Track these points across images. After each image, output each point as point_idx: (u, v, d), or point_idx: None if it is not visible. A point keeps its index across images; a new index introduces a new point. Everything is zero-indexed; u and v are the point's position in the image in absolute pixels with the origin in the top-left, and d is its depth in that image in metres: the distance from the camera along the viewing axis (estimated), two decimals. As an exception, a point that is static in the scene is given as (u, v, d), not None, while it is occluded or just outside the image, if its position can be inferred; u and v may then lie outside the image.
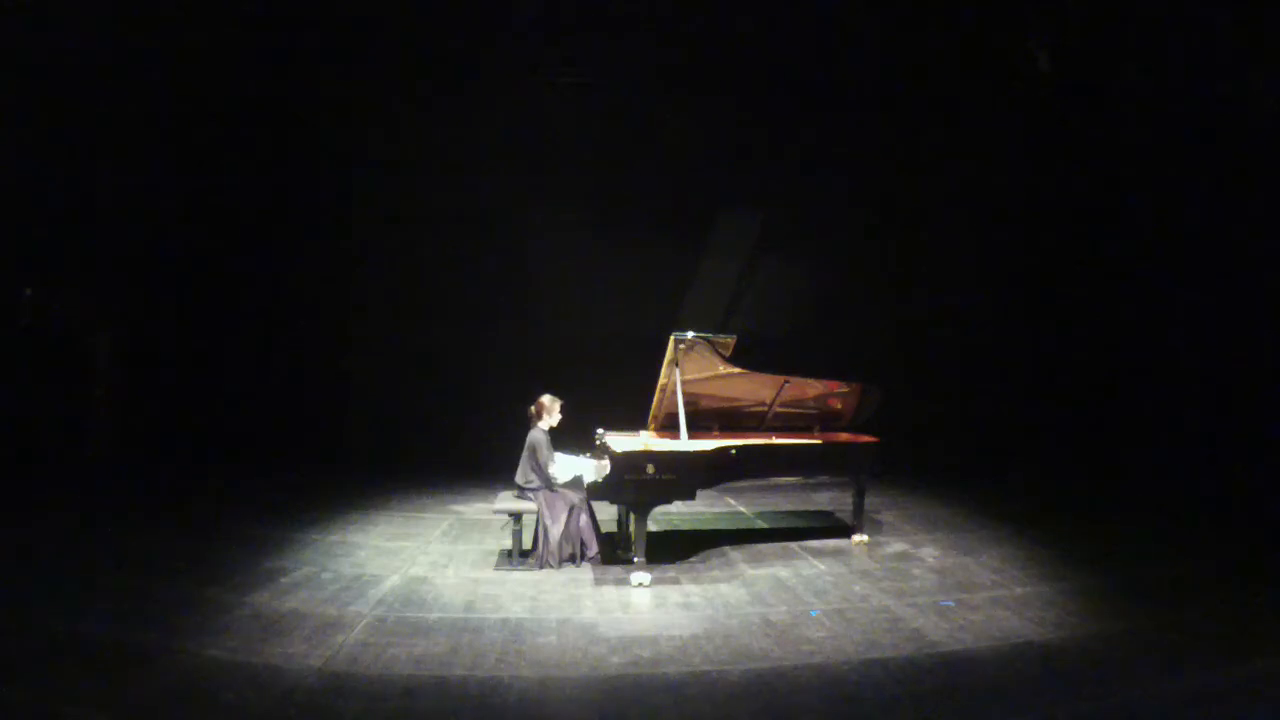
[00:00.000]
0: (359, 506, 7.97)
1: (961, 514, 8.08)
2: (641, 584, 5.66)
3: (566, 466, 6.29)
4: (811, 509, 8.33)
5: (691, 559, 6.37)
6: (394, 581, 5.71)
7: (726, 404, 6.92)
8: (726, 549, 6.67)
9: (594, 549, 6.18)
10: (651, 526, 6.01)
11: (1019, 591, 5.63)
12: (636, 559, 5.80)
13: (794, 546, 6.79)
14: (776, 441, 6.67)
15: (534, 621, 4.95)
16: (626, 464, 5.80)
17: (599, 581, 5.77)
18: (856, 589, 5.68)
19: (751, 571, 6.07)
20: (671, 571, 6.02)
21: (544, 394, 6.36)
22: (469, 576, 5.87)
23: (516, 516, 6.18)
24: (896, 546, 6.85)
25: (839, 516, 7.75)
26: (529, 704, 3.90)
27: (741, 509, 8.35)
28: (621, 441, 6.32)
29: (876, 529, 7.35)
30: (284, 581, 5.63)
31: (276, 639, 4.59)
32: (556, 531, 6.06)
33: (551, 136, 10.49)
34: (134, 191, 9.86)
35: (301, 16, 9.45)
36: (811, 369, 6.94)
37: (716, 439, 6.55)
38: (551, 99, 10.44)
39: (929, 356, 11.00)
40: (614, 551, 6.37)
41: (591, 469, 6.21)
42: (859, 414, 7.11)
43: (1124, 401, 10.67)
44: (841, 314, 10.91)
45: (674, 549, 6.55)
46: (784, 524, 7.69)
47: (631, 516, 6.18)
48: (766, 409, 6.98)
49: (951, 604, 5.35)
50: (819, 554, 6.57)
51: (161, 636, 4.56)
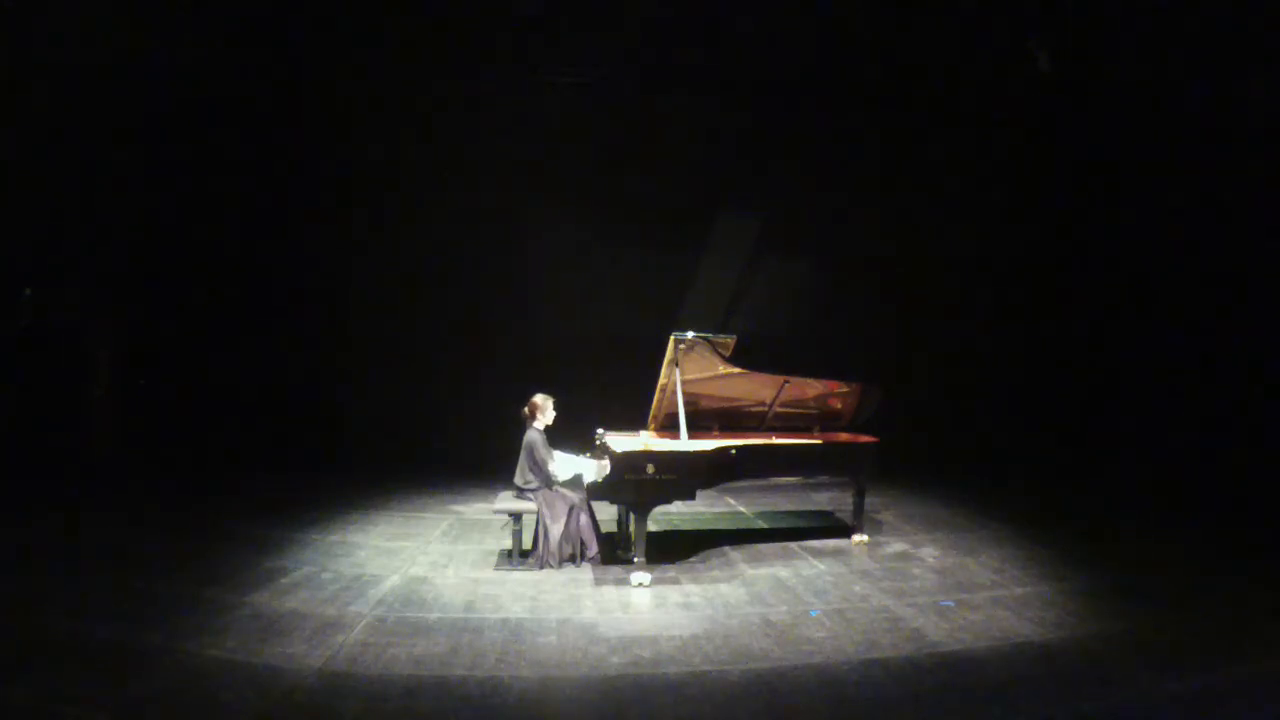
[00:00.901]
0: (359, 506, 7.97)
1: (961, 514, 8.08)
2: (641, 584, 5.66)
3: (565, 464, 6.29)
4: (811, 509, 8.33)
5: (691, 559, 6.37)
6: (394, 581, 5.71)
7: (726, 404, 6.92)
8: (726, 549, 6.67)
9: (594, 549, 6.18)
10: (651, 526, 6.01)
11: (1019, 591, 5.63)
12: (636, 559, 5.80)
13: (794, 546, 6.80)
14: (776, 441, 6.67)
15: (534, 621, 4.95)
16: (626, 464, 5.80)
17: (599, 581, 5.77)
18: (856, 589, 5.68)
19: (751, 571, 6.07)
20: (671, 571, 6.02)
21: (536, 394, 6.37)
22: (469, 576, 5.87)
23: (516, 516, 6.18)
24: (896, 546, 6.85)
25: (839, 516, 7.75)
26: (529, 704, 3.90)
27: (741, 509, 8.35)
28: (621, 441, 6.32)
29: (876, 529, 7.35)
30: (284, 581, 5.63)
31: (276, 639, 4.59)
32: (556, 531, 6.06)
33: (551, 136, 10.49)
34: (134, 191, 9.87)
35: (301, 16, 9.45)
36: (811, 369, 6.94)
37: (716, 439, 6.55)
38: (551, 99, 10.44)
39: (929, 357, 11.00)
40: (614, 551, 6.37)
41: (591, 469, 6.21)
42: (859, 414, 7.11)
43: (1124, 401, 10.68)
44: (841, 314, 10.91)
45: (674, 549, 6.55)
46: (784, 524, 7.69)
47: (631, 516, 6.18)
48: (766, 409, 6.98)
49: (951, 604, 5.35)
50: (819, 554, 6.57)
51: (161, 636, 4.56)
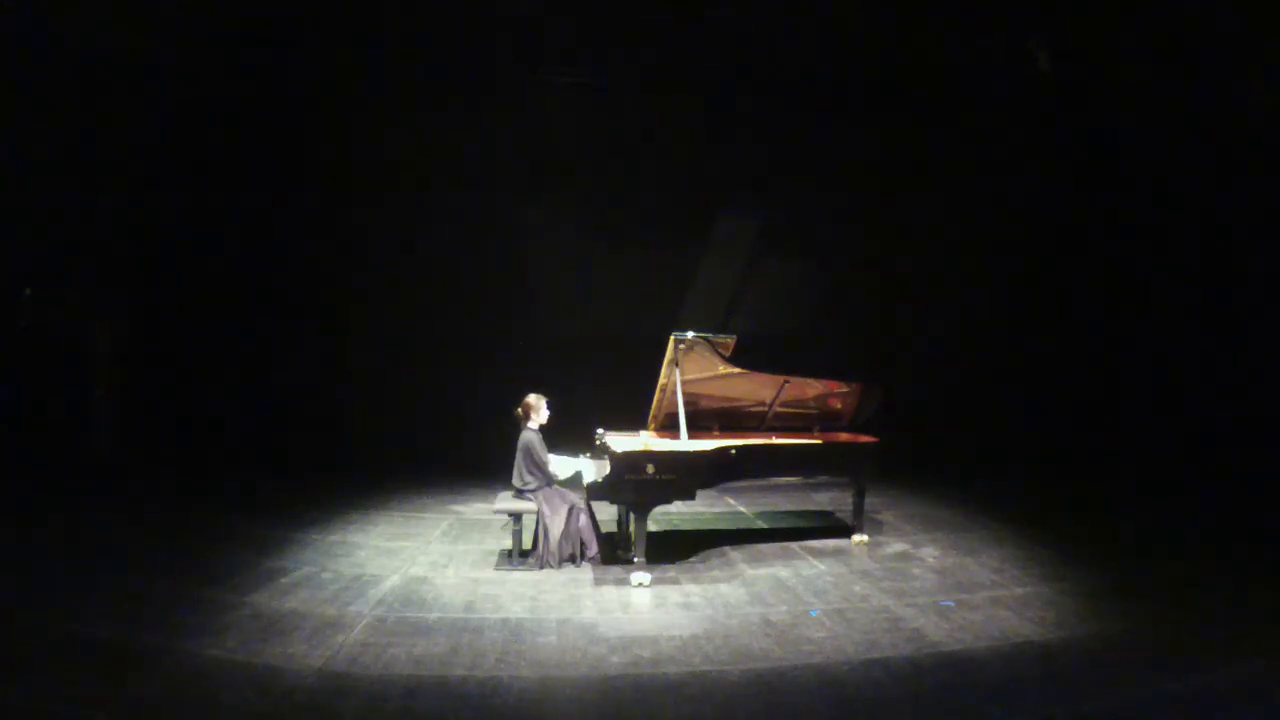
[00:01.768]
0: (359, 506, 7.97)
1: (961, 514, 8.08)
2: (641, 584, 5.66)
3: (563, 466, 6.29)
4: (811, 509, 8.33)
5: (691, 559, 6.37)
6: (394, 581, 5.71)
7: (726, 404, 6.92)
8: (726, 549, 6.67)
9: (594, 549, 6.18)
10: (651, 526, 6.01)
11: (1019, 591, 5.63)
12: (636, 559, 5.80)
13: (794, 546, 6.79)
14: (776, 441, 6.67)
15: (534, 621, 4.95)
16: (626, 464, 5.80)
17: (599, 581, 5.77)
18: (856, 589, 5.68)
19: (751, 571, 6.07)
20: (671, 571, 6.02)
21: (530, 394, 6.36)
22: (469, 576, 5.87)
23: (516, 517, 6.18)
24: (896, 546, 6.85)
25: (839, 516, 7.75)
26: (529, 704, 3.90)
27: (741, 509, 8.35)
28: (621, 441, 6.32)
29: (876, 529, 7.34)
30: (284, 581, 5.63)
31: (276, 639, 4.59)
32: (556, 531, 6.06)
33: (551, 136, 10.49)
34: (134, 191, 9.86)
35: (301, 16, 9.44)
36: (811, 369, 6.94)
37: (716, 439, 6.55)
38: (551, 99, 10.44)
39: (929, 356, 11.00)
40: (614, 551, 6.37)
41: (591, 469, 6.21)
42: (859, 414, 7.10)
43: (1124, 401, 10.68)
44: (841, 314, 10.91)
45: (674, 549, 6.54)
46: (784, 524, 7.69)
47: (631, 516, 6.18)
48: (766, 409, 6.98)
49: (951, 604, 5.35)
50: (819, 554, 6.57)
51: (161, 636, 4.56)
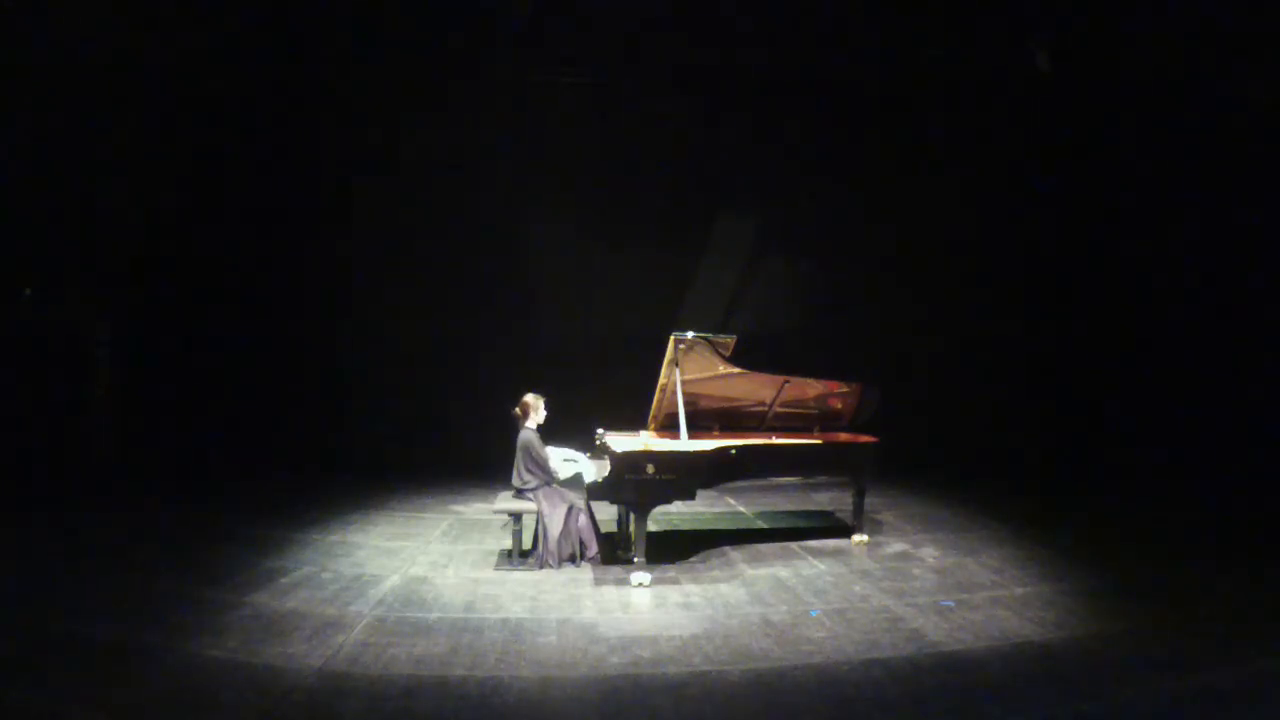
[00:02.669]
0: (359, 506, 7.97)
1: (961, 514, 8.07)
2: (641, 584, 5.66)
3: (564, 463, 6.28)
4: (811, 509, 8.33)
5: (691, 559, 6.37)
6: (394, 581, 5.71)
7: (726, 404, 6.92)
8: (726, 549, 6.67)
9: (594, 549, 6.18)
10: (651, 526, 6.01)
11: (1019, 591, 5.63)
12: (636, 559, 5.80)
13: (794, 546, 6.79)
14: (776, 441, 6.67)
15: (534, 621, 4.95)
16: (626, 464, 5.80)
17: (599, 581, 5.77)
18: (856, 589, 5.68)
19: (751, 571, 6.07)
20: (671, 571, 6.02)
21: (527, 394, 6.36)
22: (469, 576, 5.87)
23: (516, 517, 6.18)
24: (896, 546, 6.85)
25: (839, 516, 7.75)
26: (529, 704, 3.90)
27: (741, 509, 8.35)
28: (621, 441, 6.31)
29: (876, 529, 7.34)
30: (284, 581, 5.63)
31: (276, 639, 4.59)
32: (555, 530, 6.06)
33: (551, 136, 10.49)
34: (134, 192, 9.86)
35: (301, 16, 9.44)
36: (811, 369, 6.94)
37: (716, 439, 6.54)
38: (551, 99, 10.44)
39: (928, 356, 10.99)
40: (614, 551, 6.37)
41: (591, 469, 6.21)
42: (859, 414, 7.10)
43: (1123, 401, 10.68)
44: (841, 314, 10.91)
45: (674, 549, 6.54)
46: (784, 524, 7.68)
47: (631, 516, 6.18)
48: (766, 409, 6.98)
49: (951, 604, 5.35)
50: (819, 554, 6.57)
51: (161, 636, 4.56)
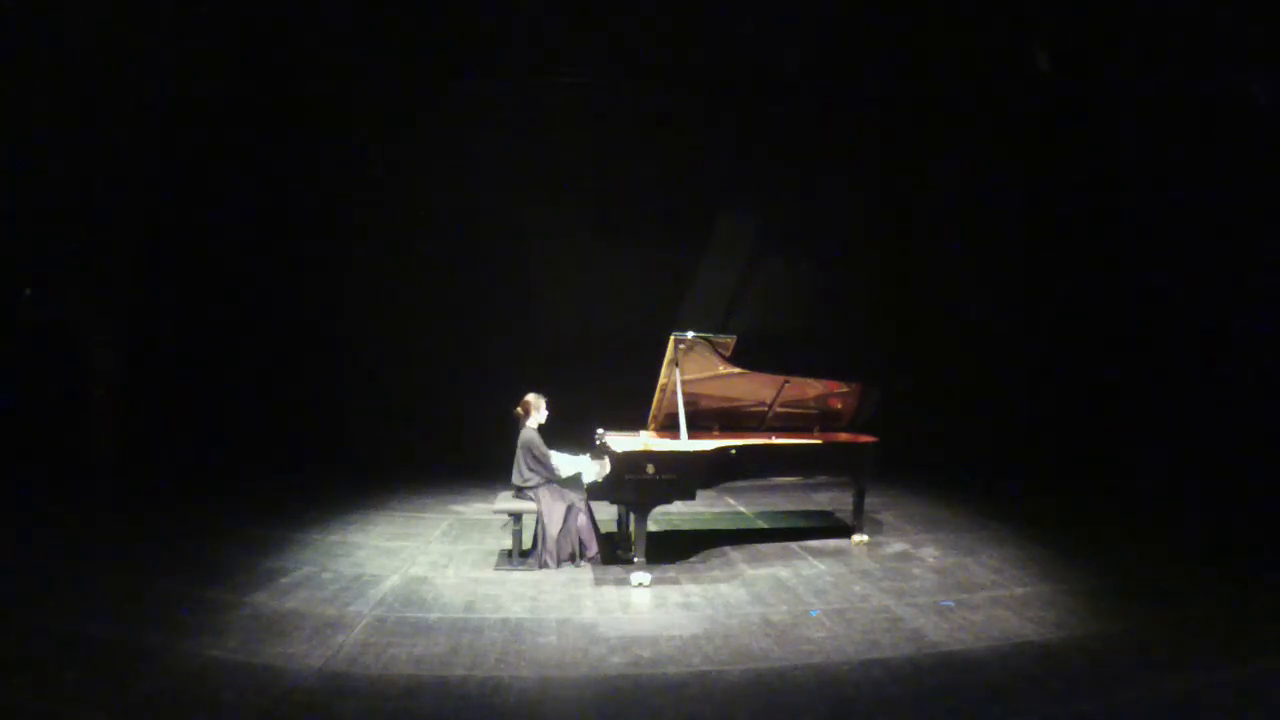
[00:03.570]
0: (359, 506, 7.97)
1: (961, 514, 8.07)
2: (641, 584, 5.66)
3: (565, 464, 6.29)
4: (811, 509, 8.33)
5: (691, 559, 6.37)
6: (394, 581, 5.71)
7: (726, 404, 6.92)
8: (726, 549, 6.67)
9: (593, 549, 6.18)
10: (651, 526, 6.01)
11: (1019, 591, 5.63)
12: (636, 559, 5.80)
13: (794, 546, 6.79)
14: (776, 441, 6.66)
15: (534, 621, 4.95)
16: (626, 464, 5.80)
17: (599, 581, 5.77)
18: (856, 589, 5.68)
19: (751, 571, 6.07)
20: (671, 571, 6.02)
21: (529, 393, 6.36)
22: (469, 576, 5.87)
23: (516, 516, 6.18)
24: (896, 546, 6.85)
25: (839, 516, 7.75)
26: (529, 704, 3.90)
27: (741, 509, 8.35)
28: (621, 441, 6.31)
29: (876, 529, 7.34)
30: (284, 581, 5.63)
31: (276, 639, 4.59)
32: (554, 529, 6.06)
33: (551, 136, 10.49)
34: (134, 191, 9.86)
35: (301, 16, 9.44)
36: (811, 369, 6.94)
37: (716, 439, 6.54)
38: (551, 99, 10.44)
39: (929, 357, 11.00)
40: (614, 551, 6.37)
41: (591, 469, 6.21)
42: (859, 414, 7.10)
43: (1123, 401, 10.67)
44: (841, 314, 10.91)
45: (674, 549, 6.54)
46: (784, 524, 7.69)
47: (631, 516, 6.18)
48: (766, 409, 6.98)
49: (951, 604, 5.35)
50: (819, 554, 6.57)
51: (161, 636, 4.56)
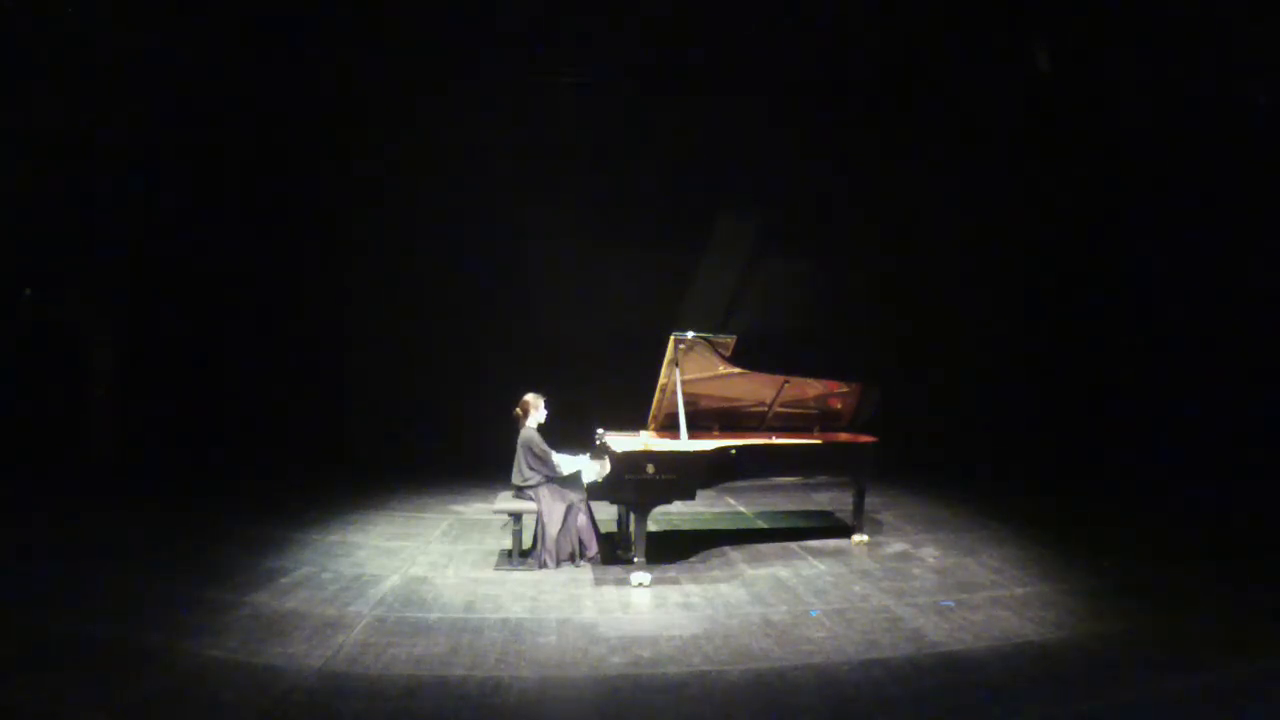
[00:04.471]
0: (359, 506, 7.97)
1: (961, 514, 8.07)
2: (641, 584, 5.66)
3: (566, 464, 6.29)
4: (811, 509, 8.33)
5: (691, 559, 6.37)
6: (394, 581, 5.71)
7: (726, 404, 6.92)
8: (726, 549, 6.67)
9: (593, 549, 6.18)
10: (651, 526, 6.01)
11: (1019, 591, 5.63)
12: (636, 559, 5.80)
13: (794, 546, 6.79)
14: (776, 441, 6.66)
15: (534, 621, 4.95)
16: (626, 464, 5.80)
17: (599, 581, 5.77)
18: (856, 589, 5.68)
19: (751, 571, 6.07)
20: (671, 571, 6.02)
21: (528, 393, 6.36)
22: (469, 576, 5.87)
23: (516, 516, 6.17)
24: (896, 546, 6.85)
25: (839, 516, 7.75)
26: (529, 704, 3.90)
27: (741, 509, 8.35)
28: (621, 441, 6.31)
29: (876, 529, 7.34)
30: (284, 581, 5.63)
31: (276, 639, 4.59)
32: (554, 528, 6.06)
33: (551, 136, 10.49)
34: (134, 191, 9.86)
35: (301, 16, 9.44)
36: (811, 369, 6.94)
37: (716, 439, 6.54)
38: (551, 99, 10.44)
39: (929, 357, 11.00)
40: (614, 551, 6.36)
41: (591, 469, 6.21)
42: (859, 414, 7.10)
43: (1123, 401, 10.68)
44: (841, 314, 10.91)
45: (674, 549, 6.54)
46: (784, 524, 7.69)
47: (631, 516, 6.17)
48: (766, 409, 6.98)
49: (951, 604, 5.35)
50: (819, 554, 6.57)
51: (161, 636, 4.56)
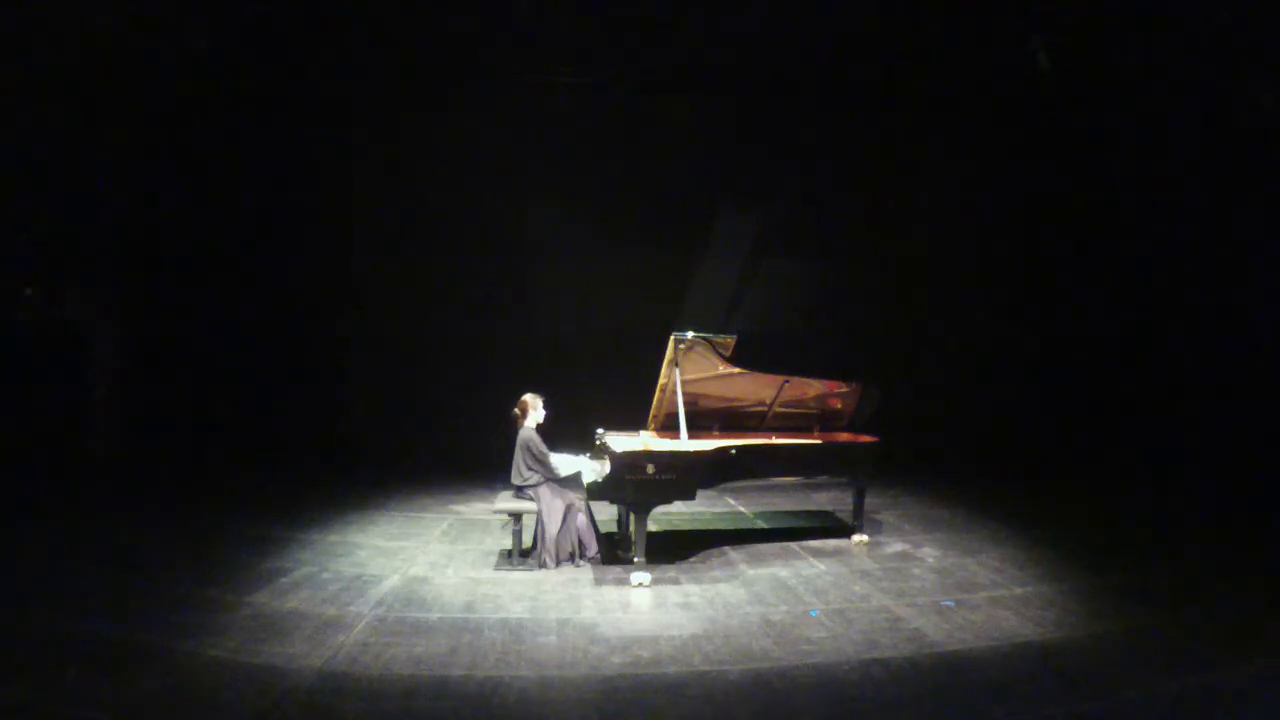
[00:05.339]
0: (359, 506, 7.97)
1: (961, 514, 8.07)
2: (641, 584, 5.66)
3: (565, 465, 6.29)
4: (811, 509, 8.33)
5: (691, 559, 6.37)
6: (394, 581, 5.71)
7: (726, 404, 6.92)
8: (726, 549, 6.67)
9: (593, 549, 6.18)
10: (651, 526, 6.01)
11: (1019, 591, 5.63)
12: (636, 559, 5.80)
13: (794, 546, 6.79)
14: (776, 441, 6.67)
15: (534, 621, 4.95)
16: (626, 464, 5.80)
17: (599, 581, 5.77)
18: (856, 589, 5.68)
19: (751, 571, 6.07)
20: (671, 571, 6.02)
21: (526, 394, 6.36)
22: (469, 576, 5.87)
23: (516, 516, 6.17)
24: (896, 546, 6.85)
25: (839, 516, 7.75)
26: (529, 704, 3.90)
27: (741, 509, 8.35)
28: (621, 441, 6.31)
29: (876, 529, 7.34)
30: (284, 581, 5.63)
31: (276, 639, 4.59)
32: (553, 528, 6.06)
33: (551, 136, 10.49)
34: (134, 190, 9.87)
35: (302, 15, 9.45)
36: (811, 369, 6.94)
37: (716, 439, 6.55)
38: (551, 99, 10.45)
39: (929, 356, 11.00)
40: (614, 551, 6.37)
41: (591, 469, 6.21)
42: (859, 414, 7.10)
43: (1123, 401, 10.68)
44: (841, 314, 10.91)
45: (674, 549, 6.55)
46: (784, 524, 7.68)
47: (631, 516, 6.17)
48: (766, 409, 6.98)
49: (951, 604, 5.35)
50: (819, 554, 6.57)
51: (161, 636, 4.56)
